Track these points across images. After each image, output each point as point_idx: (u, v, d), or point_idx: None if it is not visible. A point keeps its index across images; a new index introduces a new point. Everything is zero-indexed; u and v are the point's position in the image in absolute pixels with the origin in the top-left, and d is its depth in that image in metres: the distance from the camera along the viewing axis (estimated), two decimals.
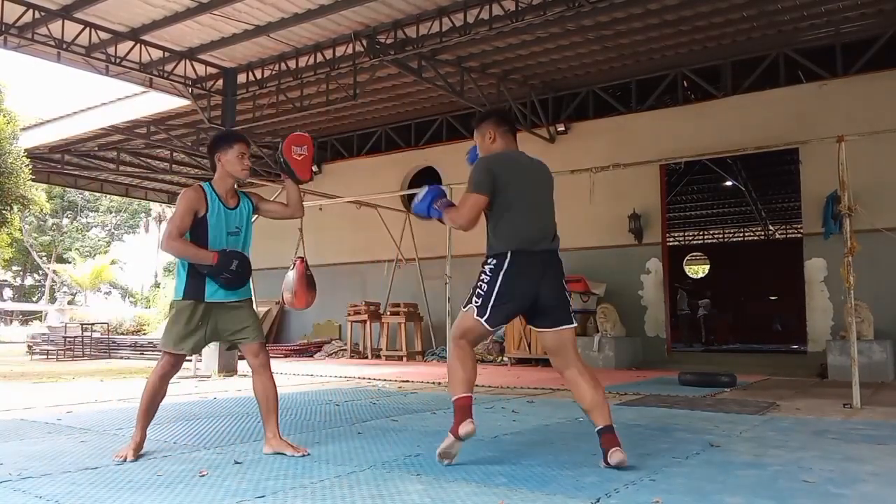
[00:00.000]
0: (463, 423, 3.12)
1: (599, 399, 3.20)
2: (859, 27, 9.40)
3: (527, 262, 3.24)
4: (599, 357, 9.87)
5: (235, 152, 3.59)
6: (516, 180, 3.31)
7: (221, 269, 3.43)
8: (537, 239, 3.28)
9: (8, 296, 40.58)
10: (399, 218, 13.01)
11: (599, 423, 3.15)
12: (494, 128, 3.46)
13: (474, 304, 3.26)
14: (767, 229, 25.04)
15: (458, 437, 3.13)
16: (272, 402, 3.56)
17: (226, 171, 3.60)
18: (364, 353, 12.84)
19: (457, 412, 3.18)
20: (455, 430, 3.14)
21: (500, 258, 3.24)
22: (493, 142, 3.46)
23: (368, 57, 9.17)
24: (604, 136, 11.41)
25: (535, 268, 3.25)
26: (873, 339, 8.13)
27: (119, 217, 42.49)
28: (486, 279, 3.25)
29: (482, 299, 3.23)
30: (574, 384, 3.27)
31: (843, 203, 5.68)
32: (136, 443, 3.42)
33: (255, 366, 3.59)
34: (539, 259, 3.27)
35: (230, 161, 3.58)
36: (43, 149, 14.34)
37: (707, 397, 6.08)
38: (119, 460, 3.29)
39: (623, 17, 8.96)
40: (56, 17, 8.41)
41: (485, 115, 3.58)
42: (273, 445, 3.51)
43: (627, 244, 11.10)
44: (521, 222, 3.26)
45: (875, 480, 2.92)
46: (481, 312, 3.23)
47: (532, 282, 3.25)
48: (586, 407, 3.22)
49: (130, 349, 14.13)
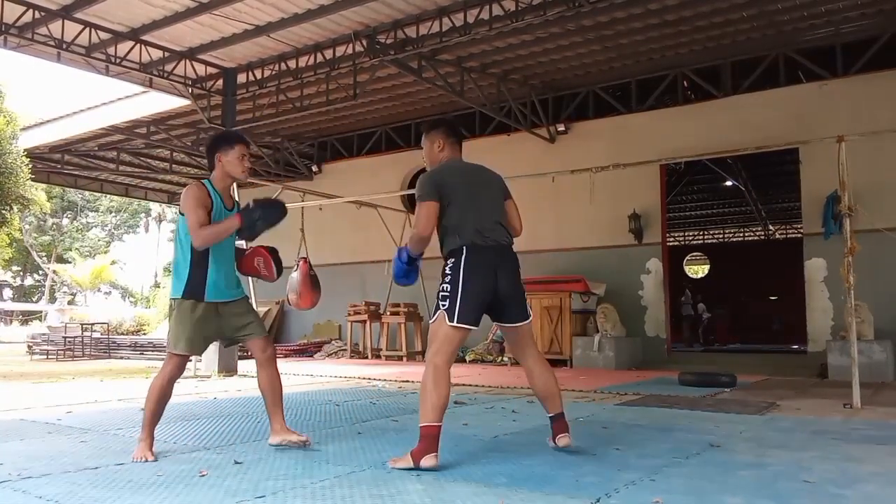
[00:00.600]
0: (428, 455, 3.05)
1: (552, 387, 3.43)
2: (859, 27, 9.40)
3: (482, 255, 3.31)
4: (599, 357, 9.87)
5: (236, 153, 3.59)
6: (461, 184, 3.42)
7: (251, 224, 3.48)
8: (487, 232, 3.36)
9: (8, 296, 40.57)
10: (399, 218, 13.01)
11: (552, 410, 3.42)
12: (444, 138, 3.58)
13: (442, 310, 3.25)
14: (767, 229, 25.04)
15: (418, 466, 3.04)
16: (278, 395, 3.60)
17: (225, 171, 3.61)
18: (364, 353, 12.84)
19: (423, 439, 3.08)
20: (418, 459, 3.04)
21: (457, 254, 3.31)
22: (442, 150, 3.58)
23: (368, 57, 9.17)
24: (604, 136, 11.41)
25: (490, 260, 3.34)
26: (873, 339, 8.13)
27: (119, 217, 42.49)
28: (448, 279, 3.29)
29: (448, 300, 3.24)
30: (530, 373, 3.48)
31: (843, 203, 5.68)
32: (148, 444, 3.38)
33: (263, 360, 3.61)
34: (493, 252, 3.36)
35: (230, 162, 3.59)
36: (43, 149, 14.34)
37: (707, 397, 6.08)
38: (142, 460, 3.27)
39: (623, 17, 8.96)
40: (56, 17, 8.41)
41: (435, 123, 3.67)
42: (281, 435, 3.57)
43: (627, 244, 11.10)
44: (468, 219, 3.34)
45: (875, 480, 2.92)
46: (451, 315, 3.22)
47: (490, 273, 3.32)
48: (540, 394, 3.44)
49: (130, 349, 14.12)
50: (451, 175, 3.46)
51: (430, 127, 3.65)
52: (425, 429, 3.11)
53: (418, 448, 3.09)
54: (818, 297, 9.69)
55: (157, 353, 13.35)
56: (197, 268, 3.45)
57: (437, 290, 3.34)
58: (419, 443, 3.10)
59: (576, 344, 10.13)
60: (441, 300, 3.27)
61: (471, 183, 3.47)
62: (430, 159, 3.61)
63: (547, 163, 10.98)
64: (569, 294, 10.26)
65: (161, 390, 3.45)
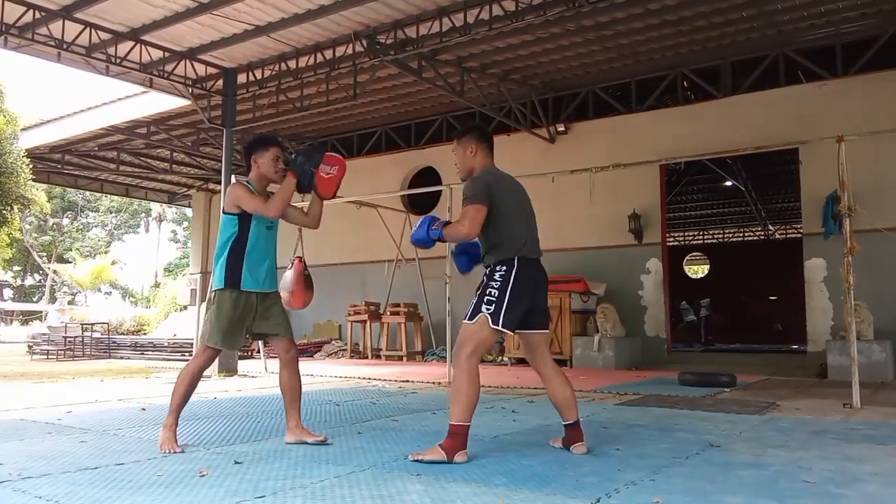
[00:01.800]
0: (461, 451, 3.22)
1: (569, 396, 3.51)
2: (859, 27, 9.40)
3: (529, 267, 3.47)
4: (599, 357, 9.87)
5: (271, 155, 3.81)
6: (508, 193, 3.55)
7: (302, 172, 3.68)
8: (534, 247, 3.55)
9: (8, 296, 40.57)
10: (399, 218, 13.02)
11: (569, 418, 3.49)
12: (476, 143, 3.65)
13: (486, 313, 3.35)
14: (767, 229, 25.04)
15: (452, 461, 3.18)
16: (297, 395, 3.81)
17: (261, 172, 3.81)
18: (364, 353, 12.85)
19: (456, 436, 3.24)
20: (451, 454, 3.19)
21: (509, 264, 3.42)
22: (475, 156, 3.65)
23: (368, 57, 9.17)
24: (604, 136, 11.41)
25: (535, 272, 3.51)
26: (873, 339, 8.13)
27: (119, 217, 42.52)
28: (496, 285, 3.38)
29: (495, 306, 3.35)
30: (549, 381, 3.56)
31: (843, 203, 5.68)
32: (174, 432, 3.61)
33: (286, 360, 3.82)
34: (537, 265, 3.54)
35: (265, 163, 3.80)
36: (43, 149, 14.34)
37: (707, 397, 6.08)
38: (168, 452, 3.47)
39: (623, 17, 8.96)
40: (56, 17, 8.41)
41: (468, 129, 3.75)
42: (296, 434, 3.74)
43: (627, 244, 11.10)
44: (521, 231, 3.50)
45: (875, 480, 2.92)
46: (496, 319, 3.33)
47: (532, 284, 3.47)
48: (559, 402, 3.51)
49: (130, 349, 14.13)
50: (501, 183, 3.56)
51: (462, 133, 3.72)
52: (458, 427, 3.24)
53: (450, 444, 3.21)
54: (818, 297, 9.69)
55: (157, 353, 13.36)
56: (235, 258, 3.66)
57: (478, 293, 3.43)
58: (451, 439, 3.23)
59: (576, 344, 10.13)
60: (486, 304, 3.36)
61: (518, 194, 3.61)
62: (464, 165, 3.69)
63: (547, 163, 10.99)
64: (569, 294, 10.26)
65: (190, 378, 3.69)
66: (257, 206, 3.65)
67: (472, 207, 3.40)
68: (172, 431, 3.60)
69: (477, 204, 3.40)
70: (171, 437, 3.57)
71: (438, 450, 3.22)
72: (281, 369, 3.84)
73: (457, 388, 3.31)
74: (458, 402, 3.27)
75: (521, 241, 3.46)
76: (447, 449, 3.20)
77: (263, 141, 3.87)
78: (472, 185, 3.50)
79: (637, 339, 10.70)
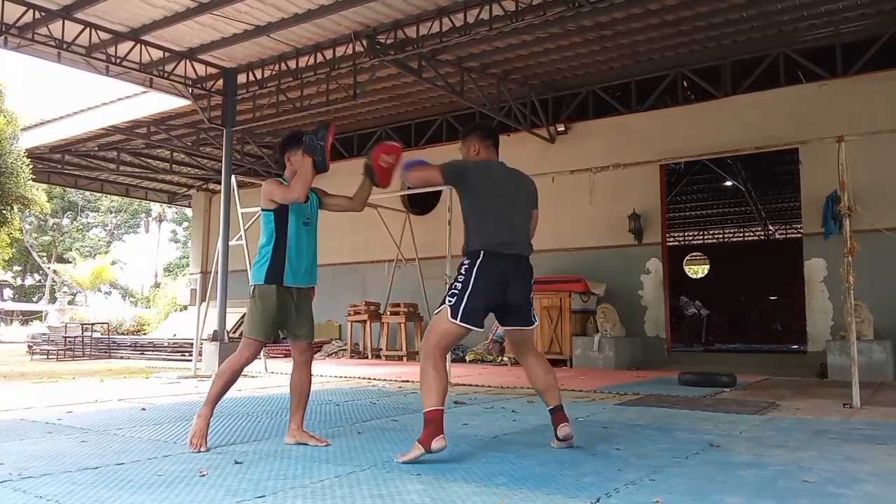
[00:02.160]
0: (437, 437, 3.20)
1: (552, 381, 3.58)
2: (859, 27, 9.40)
3: (498, 263, 3.42)
4: (599, 357, 9.87)
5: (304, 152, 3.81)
6: (490, 186, 3.51)
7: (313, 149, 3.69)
8: (508, 243, 3.46)
9: (8, 296, 40.55)
10: (399, 218, 13.02)
11: (552, 402, 3.54)
12: (480, 141, 3.69)
13: (448, 305, 3.39)
14: (767, 229, 25.04)
15: (429, 449, 3.18)
16: (305, 397, 3.82)
17: (294, 169, 3.81)
18: (364, 353, 12.84)
19: (429, 424, 3.23)
20: (427, 442, 3.18)
21: (473, 257, 3.42)
22: (478, 154, 3.69)
23: (368, 57, 9.17)
24: (604, 136, 11.41)
25: (504, 269, 3.44)
26: (873, 339, 8.13)
27: (119, 217, 42.51)
28: (460, 279, 3.41)
29: (455, 298, 3.37)
30: (530, 368, 3.63)
31: (843, 203, 5.68)
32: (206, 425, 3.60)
33: (301, 362, 3.83)
34: (510, 262, 3.47)
35: (298, 160, 3.78)
36: (43, 149, 14.35)
37: (707, 397, 6.08)
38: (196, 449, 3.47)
39: (623, 17, 8.96)
40: (56, 17, 8.41)
41: (471, 129, 3.79)
42: (296, 436, 3.75)
43: (627, 244, 11.09)
44: (492, 225, 3.45)
45: (875, 480, 2.92)
46: (454, 312, 3.35)
47: (502, 282, 3.43)
48: (540, 387, 3.59)
49: (130, 349, 14.13)
50: (482, 173, 3.56)
51: (466, 133, 3.78)
52: (430, 413, 3.25)
53: (425, 433, 3.21)
54: (818, 297, 9.69)
55: (157, 353, 13.37)
56: (277, 252, 3.68)
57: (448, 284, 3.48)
58: (425, 428, 3.22)
59: (576, 344, 10.13)
60: (449, 296, 3.40)
61: (501, 187, 3.54)
62: None
63: (547, 163, 10.99)
64: (569, 294, 10.26)
65: (232, 373, 3.68)
66: (283, 192, 3.68)
67: (433, 170, 3.53)
68: (206, 423, 3.61)
69: (438, 171, 3.51)
70: (203, 430, 3.58)
71: (417, 445, 3.22)
72: (294, 370, 3.86)
73: (423, 376, 3.34)
74: (426, 391, 3.31)
75: (490, 237, 3.41)
76: (423, 440, 3.20)
77: (296, 139, 3.87)
78: (450, 162, 3.57)
79: (637, 339, 10.70)
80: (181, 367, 10.08)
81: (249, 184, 13.33)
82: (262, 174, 14.91)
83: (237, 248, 9.85)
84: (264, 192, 3.73)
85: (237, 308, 14.02)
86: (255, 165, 15.16)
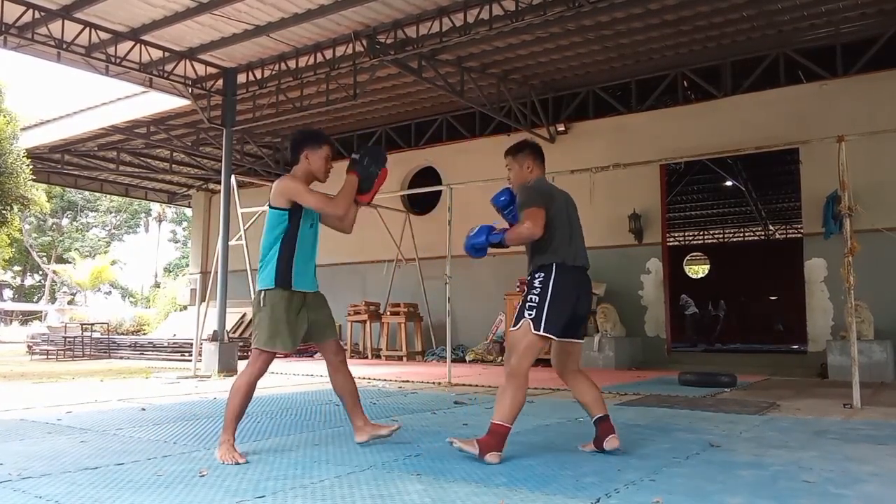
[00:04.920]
0: (496, 451, 3.24)
1: (598, 393, 3.60)
2: (859, 27, 9.39)
3: (570, 273, 3.51)
4: (599, 357, 9.87)
5: (324, 153, 3.67)
6: (557, 203, 3.63)
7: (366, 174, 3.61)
8: (576, 256, 3.59)
9: (8, 296, 40.54)
10: (399, 218, 13.02)
11: (600, 412, 3.54)
12: (533, 160, 3.79)
13: (528, 318, 3.39)
14: (767, 229, 25.04)
15: (482, 458, 3.22)
16: (356, 395, 3.73)
17: (311, 168, 3.64)
18: (364, 353, 12.84)
19: (495, 436, 3.27)
20: (485, 451, 3.23)
21: (548, 270, 3.48)
22: (531, 172, 3.76)
23: (368, 57, 9.16)
24: (604, 136, 11.40)
25: (576, 281, 3.54)
26: (873, 339, 8.13)
27: (119, 217, 42.51)
28: (536, 290, 3.45)
29: (535, 311, 3.40)
30: (577, 381, 3.62)
31: (844, 203, 5.68)
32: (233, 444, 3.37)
33: (337, 363, 3.73)
34: (578, 274, 3.58)
35: (317, 161, 3.65)
36: (43, 149, 14.34)
37: (707, 397, 6.08)
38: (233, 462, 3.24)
39: (623, 17, 8.96)
40: (56, 17, 8.41)
41: (523, 146, 3.85)
42: (368, 431, 3.68)
43: (627, 244, 11.09)
44: (563, 240, 3.55)
45: (875, 480, 2.92)
46: (537, 325, 3.37)
47: (575, 293, 3.51)
48: (588, 400, 3.57)
49: (130, 349, 14.12)
50: (555, 193, 3.68)
51: (518, 149, 3.83)
52: (499, 426, 3.27)
53: (487, 441, 3.25)
54: (818, 297, 9.69)
55: (157, 354, 13.37)
56: (284, 257, 3.50)
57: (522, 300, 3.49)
58: (489, 436, 3.26)
59: None
60: (528, 310, 3.42)
61: (567, 205, 3.70)
62: (519, 179, 3.79)
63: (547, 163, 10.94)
64: None
65: (246, 388, 3.45)
66: (321, 202, 3.50)
67: (531, 210, 3.48)
68: (231, 446, 3.35)
69: (534, 207, 3.48)
70: (232, 454, 3.30)
71: (474, 443, 3.27)
72: (332, 373, 3.73)
73: (504, 391, 3.35)
74: (502, 403, 3.31)
75: (562, 250, 3.52)
76: (482, 445, 3.25)
77: (317, 137, 3.71)
78: (526, 191, 3.61)
79: (637, 339, 10.69)
80: (181, 368, 10.07)
81: (249, 184, 13.34)
82: (262, 174, 14.90)
83: (237, 248, 9.85)
84: (283, 190, 3.49)
85: (237, 308, 14.02)
86: (254, 165, 15.15)
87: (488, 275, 12.08)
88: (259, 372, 3.49)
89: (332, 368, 3.72)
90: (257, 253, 3.67)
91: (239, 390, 3.45)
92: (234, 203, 9.88)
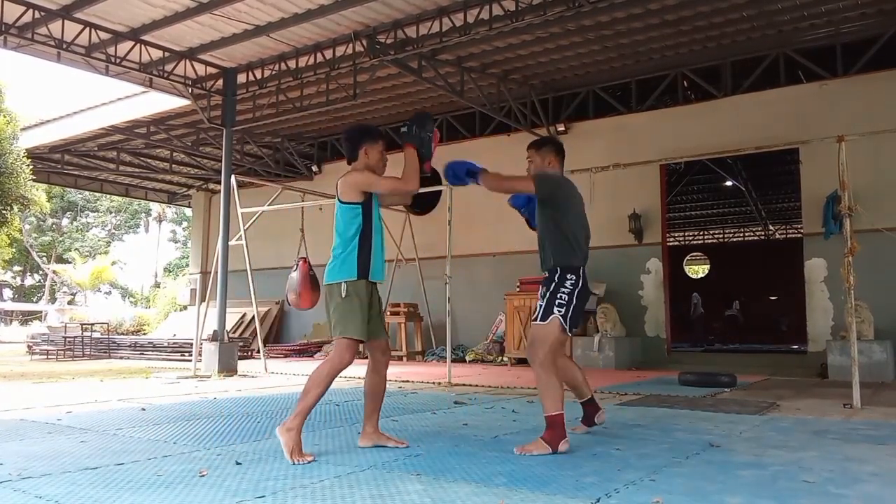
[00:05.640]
0: (564, 440, 3.46)
1: (584, 378, 4.07)
2: (859, 27, 9.39)
3: (584, 274, 3.79)
4: (599, 357, 9.87)
5: (380, 147, 3.76)
6: (576, 201, 3.83)
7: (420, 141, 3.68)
8: (587, 255, 3.84)
9: (8, 296, 40.54)
10: (399, 218, 13.00)
11: (588, 394, 4.05)
12: (554, 156, 3.95)
13: (558, 315, 3.62)
14: (767, 229, 25.03)
15: (556, 450, 3.41)
16: (380, 401, 3.77)
17: (370, 163, 3.70)
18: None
19: (555, 427, 3.46)
20: (555, 443, 3.43)
21: (577, 273, 3.73)
22: (550, 165, 3.92)
23: (368, 57, 9.16)
24: (604, 136, 11.40)
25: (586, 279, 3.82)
26: (873, 339, 8.13)
27: (119, 217, 42.49)
28: (567, 291, 3.67)
29: (566, 310, 3.64)
30: (568, 367, 4.00)
31: (844, 203, 5.68)
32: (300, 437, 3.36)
33: (382, 363, 3.79)
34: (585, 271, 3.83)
35: (375, 155, 3.72)
36: (43, 149, 14.33)
37: (707, 397, 6.08)
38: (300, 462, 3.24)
39: (623, 17, 8.96)
40: (56, 17, 8.41)
41: (546, 141, 4.07)
42: (373, 439, 3.69)
43: (627, 244, 11.09)
44: (583, 241, 3.80)
45: (875, 480, 2.92)
46: (566, 322, 3.63)
47: (588, 294, 3.83)
48: (578, 381, 4.00)
49: (130, 349, 14.12)
50: (570, 188, 3.85)
51: (542, 143, 4.02)
52: (554, 417, 3.47)
53: (552, 435, 3.45)
54: (818, 297, 9.68)
55: (157, 353, 13.37)
56: (363, 247, 3.55)
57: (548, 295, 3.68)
58: (551, 430, 3.46)
59: (576, 344, 10.12)
60: (558, 307, 3.64)
61: (580, 203, 3.88)
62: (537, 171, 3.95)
63: None
64: None
65: (328, 378, 3.46)
66: (394, 184, 3.61)
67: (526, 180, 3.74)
68: (299, 436, 3.34)
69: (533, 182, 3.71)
70: (298, 444, 3.32)
71: (542, 443, 3.44)
72: (371, 371, 3.73)
73: (542, 384, 3.55)
74: (547, 396, 3.52)
75: (584, 252, 3.77)
76: (550, 440, 3.43)
77: (374, 133, 3.79)
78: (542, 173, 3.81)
79: (637, 339, 10.69)
80: (181, 368, 10.08)
81: (249, 184, 13.32)
82: (262, 174, 14.89)
83: (237, 248, 9.84)
84: (355, 184, 3.54)
85: (237, 308, 14.03)
86: (254, 165, 15.14)
87: (488, 275, 12.08)
88: (346, 362, 3.52)
89: (374, 366, 3.75)
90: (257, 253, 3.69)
91: (323, 380, 3.44)
92: (234, 203, 9.88)
